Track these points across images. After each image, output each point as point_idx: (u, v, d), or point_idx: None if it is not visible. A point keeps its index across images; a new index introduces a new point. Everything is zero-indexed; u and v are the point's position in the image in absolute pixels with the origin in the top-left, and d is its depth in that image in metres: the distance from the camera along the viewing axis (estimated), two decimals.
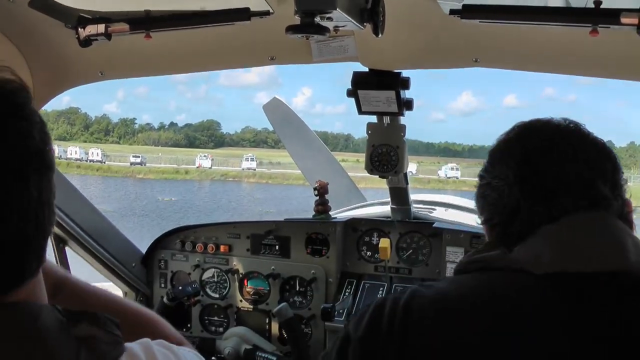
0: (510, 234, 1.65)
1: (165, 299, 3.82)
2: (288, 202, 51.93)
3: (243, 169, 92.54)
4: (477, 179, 1.83)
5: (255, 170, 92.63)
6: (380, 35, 2.34)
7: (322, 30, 2.14)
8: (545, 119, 1.77)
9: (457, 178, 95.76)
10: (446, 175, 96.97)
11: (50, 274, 1.61)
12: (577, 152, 1.67)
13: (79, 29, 2.73)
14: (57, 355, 1.27)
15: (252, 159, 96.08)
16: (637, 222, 1.74)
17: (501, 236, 1.69)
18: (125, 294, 4.32)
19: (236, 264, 4.17)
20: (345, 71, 3.24)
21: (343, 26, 2.27)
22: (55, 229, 3.69)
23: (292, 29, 2.13)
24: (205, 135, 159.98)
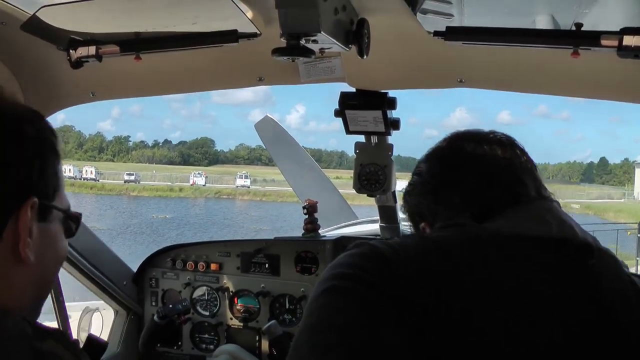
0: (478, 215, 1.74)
1: (155, 317, 3.84)
2: (282, 220, 51.96)
3: (237, 187, 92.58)
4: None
5: (249, 187, 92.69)
6: (365, 57, 2.39)
7: (308, 52, 2.18)
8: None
9: None
10: None
11: None
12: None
13: (70, 51, 2.76)
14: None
15: (246, 177, 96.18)
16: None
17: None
18: (117, 312, 4.34)
19: (226, 282, 4.20)
20: (339, 89, 3.30)
21: (329, 48, 2.31)
22: None
23: (278, 51, 2.17)
24: (199, 153, 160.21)
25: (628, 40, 2.19)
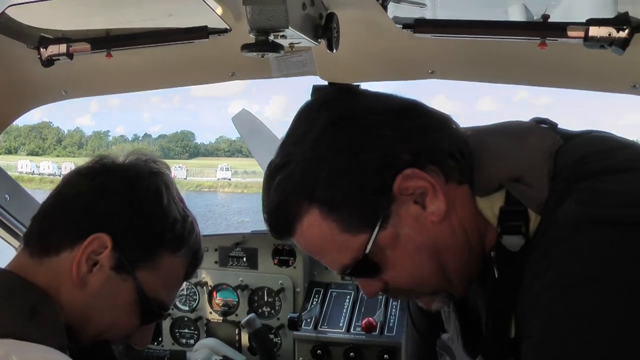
0: None
1: None
2: None
3: (218, 179, 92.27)
4: None
5: (230, 180, 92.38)
6: (334, 51, 2.41)
7: (277, 47, 2.19)
8: None
9: None
10: None
11: None
12: None
13: (41, 49, 2.77)
14: None
15: (227, 169, 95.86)
16: None
17: None
18: None
19: (205, 276, 4.21)
20: (317, 80, 3.27)
21: (298, 43, 2.32)
22: None
23: (247, 47, 2.18)
24: (179, 146, 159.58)
25: (594, 31, 2.24)
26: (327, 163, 1.67)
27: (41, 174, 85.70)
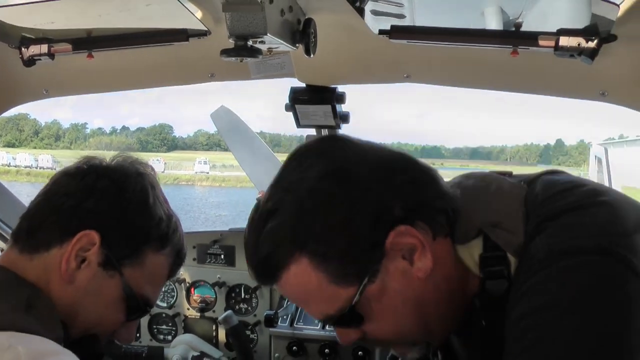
0: None
1: None
2: (242, 205, 51.70)
3: (196, 172, 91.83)
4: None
5: (208, 173, 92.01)
6: (312, 56, 2.46)
7: (255, 52, 2.24)
8: None
9: None
10: None
11: None
12: None
13: (23, 49, 2.79)
14: None
15: (205, 162, 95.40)
16: None
17: None
18: None
19: (183, 273, 4.24)
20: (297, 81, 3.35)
21: (276, 47, 2.37)
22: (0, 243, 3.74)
23: (226, 52, 2.23)
24: (157, 139, 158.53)
25: (564, 41, 2.31)
26: (321, 216, 1.67)
27: (17, 166, 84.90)
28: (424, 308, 1.75)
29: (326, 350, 3.78)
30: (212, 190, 77.71)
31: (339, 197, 1.67)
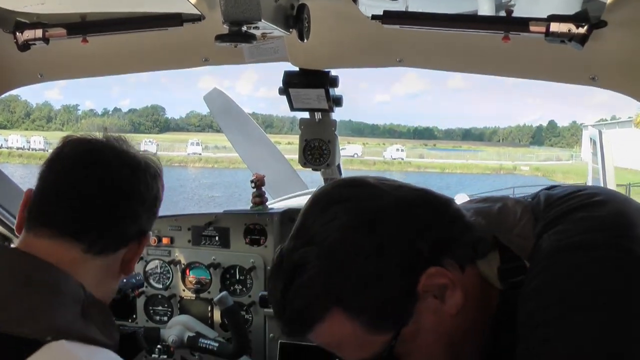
0: None
1: None
2: (235, 186, 51.70)
3: (189, 154, 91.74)
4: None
5: (201, 154, 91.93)
6: (305, 41, 2.48)
7: (249, 38, 2.26)
8: None
9: (403, 159, 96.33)
10: (391, 156, 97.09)
11: None
12: None
13: (17, 34, 2.80)
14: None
15: (197, 144, 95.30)
16: None
17: None
18: None
19: (178, 255, 4.28)
20: (290, 65, 3.37)
21: (270, 33, 2.40)
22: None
23: (220, 38, 2.25)
24: (150, 121, 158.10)
25: (555, 27, 2.34)
26: (352, 269, 1.65)
27: (9, 147, 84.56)
28: (455, 340, 1.76)
29: None
30: (204, 171, 77.71)
31: (367, 248, 1.64)
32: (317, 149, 3.65)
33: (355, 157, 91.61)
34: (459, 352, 1.80)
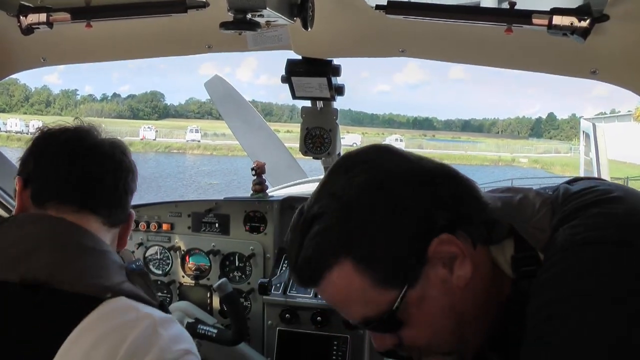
0: None
1: None
2: (233, 173, 51.69)
3: (187, 141, 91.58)
4: None
5: (199, 141, 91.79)
6: (309, 29, 2.50)
7: (254, 26, 2.28)
8: None
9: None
10: None
11: None
12: None
13: (21, 17, 2.81)
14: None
15: (196, 131, 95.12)
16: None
17: None
18: None
19: (178, 241, 4.30)
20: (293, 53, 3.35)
21: (274, 21, 2.41)
22: None
23: (225, 25, 2.26)
24: (148, 107, 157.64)
25: (557, 20, 2.35)
26: (366, 221, 1.71)
27: (8, 131, 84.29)
28: (461, 316, 1.78)
29: (318, 318, 3.85)
30: (203, 158, 77.58)
31: (384, 204, 1.70)
32: (319, 137, 3.66)
33: (354, 147, 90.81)
34: (463, 331, 1.82)
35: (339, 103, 3.68)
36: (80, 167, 2.16)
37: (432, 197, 1.73)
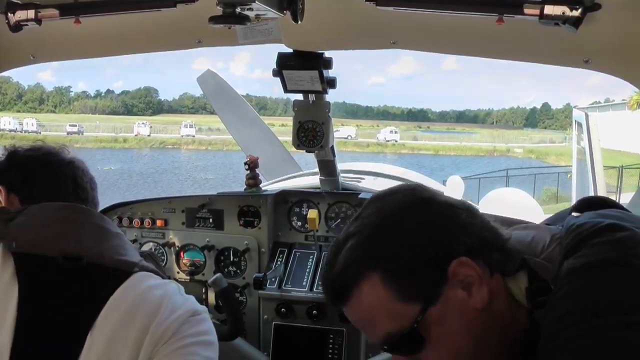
0: None
1: None
2: (228, 168, 51.71)
3: (182, 136, 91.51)
4: None
5: (194, 136, 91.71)
6: (299, 22, 2.48)
7: (243, 20, 2.27)
8: None
9: (396, 141, 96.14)
10: (385, 138, 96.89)
11: None
12: None
13: (9, 14, 2.78)
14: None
15: (191, 126, 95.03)
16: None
17: None
18: None
19: (172, 237, 4.30)
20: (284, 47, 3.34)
21: (264, 14, 2.39)
22: None
23: (214, 19, 2.25)
24: (142, 103, 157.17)
25: (549, 10, 2.34)
26: (393, 238, 1.83)
27: (2, 129, 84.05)
28: (479, 340, 1.85)
29: (314, 312, 3.86)
30: (198, 153, 77.56)
31: (410, 224, 1.83)
32: (311, 130, 3.65)
33: (349, 139, 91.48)
34: (481, 356, 1.89)
35: (333, 95, 3.67)
36: (64, 175, 2.52)
37: (454, 223, 1.86)
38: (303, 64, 3.26)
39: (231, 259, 4.26)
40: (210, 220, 4.26)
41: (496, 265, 1.86)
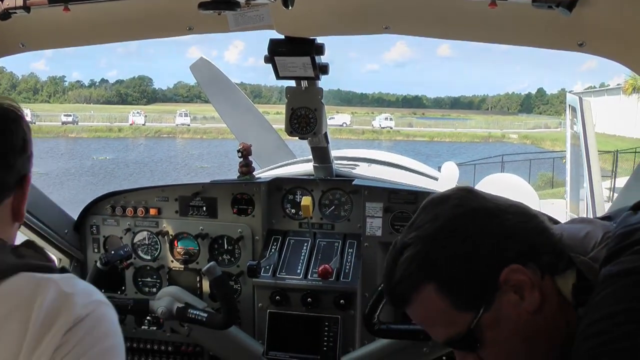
0: None
1: (98, 264, 3.87)
2: (223, 156, 51.72)
3: (177, 125, 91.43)
4: None
5: (189, 125, 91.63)
6: (290, 8, 2.45)
7: (233, 5, 2.26)
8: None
9: (392, 128, 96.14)
10: (380, 125, 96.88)
11: None
12: None
13: None
14: None
15: (186, 115, 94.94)
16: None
17: None
18: (60, 260, 4.39)
19: (166, 225, 4.28)
20: (276, 33, 3.32)
21: (254, 0, 2.37)
22: None
23: (203, 5, 2.23)
24: (137, 92, 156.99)
25: None
26: (448, 249, 1.90)
27: None
28: (533, 341, 1.94)
29: (308, 300, 3.85)
30: (193, 142, 77.48)
31: (464, 235, 1.91)
32: (304, 117, 3.62)
33: (344, 127, 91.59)
34: (535, 355, 1.97)
35: (328, 83, 3.65)
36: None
37: (503, 230, 1.92)
38: (295, 50, 3.24)
39: (225, 247, 4.25)
40: (204, 208, 4.24)
41: (547, 268, 1.92)
